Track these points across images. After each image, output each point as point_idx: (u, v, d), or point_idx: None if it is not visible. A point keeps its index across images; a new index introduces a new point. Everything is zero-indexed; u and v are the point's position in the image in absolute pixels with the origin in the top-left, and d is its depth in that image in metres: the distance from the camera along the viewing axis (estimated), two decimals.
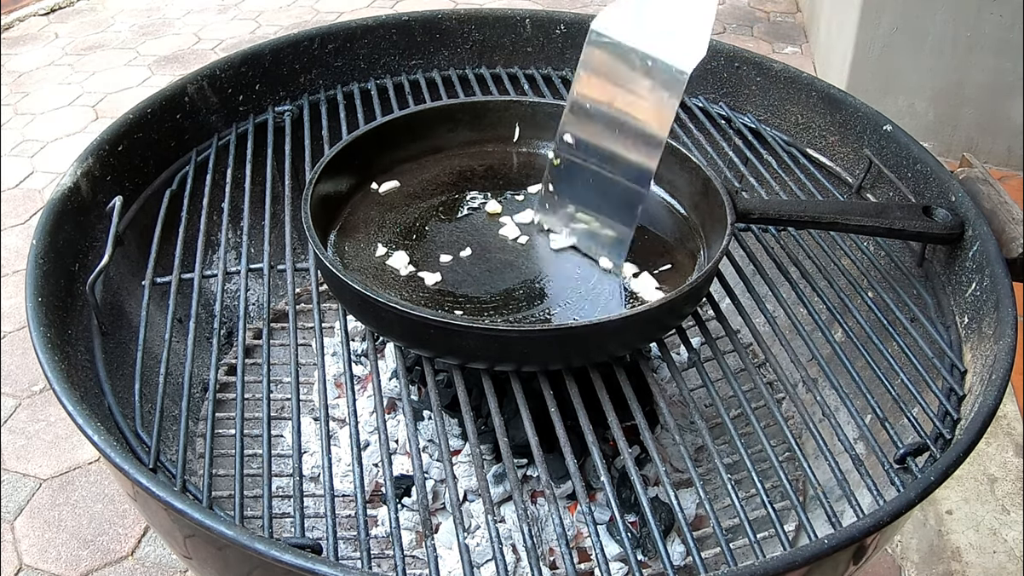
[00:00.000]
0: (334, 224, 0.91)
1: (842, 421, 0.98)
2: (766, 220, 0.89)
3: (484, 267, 0.86)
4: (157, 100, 1.11)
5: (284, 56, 1.23)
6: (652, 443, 0.73)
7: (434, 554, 0.65)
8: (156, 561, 1.30)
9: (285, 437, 1.10)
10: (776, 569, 0.59)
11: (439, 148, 1.01)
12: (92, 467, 1.46)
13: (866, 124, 1.09)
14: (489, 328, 0.72)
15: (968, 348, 0.85)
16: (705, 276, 0.78)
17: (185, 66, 2.83)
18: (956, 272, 0.91)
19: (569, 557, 0.64)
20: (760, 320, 0.94)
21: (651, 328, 0.80)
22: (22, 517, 1.38)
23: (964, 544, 1.27)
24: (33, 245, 0.87)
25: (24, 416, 1.56)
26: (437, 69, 1.30)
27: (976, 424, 0.70)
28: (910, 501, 0.64)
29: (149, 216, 1.03)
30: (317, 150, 1.09)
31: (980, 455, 1.41)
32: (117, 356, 0.91)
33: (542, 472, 0.70)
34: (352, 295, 0.76)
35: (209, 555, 0.71)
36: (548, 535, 0.93)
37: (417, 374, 1.04)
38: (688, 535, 0.67)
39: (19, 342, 1.72)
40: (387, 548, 0.94)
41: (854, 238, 1.00)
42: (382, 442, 0.74)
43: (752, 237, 1.00)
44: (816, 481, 0.72)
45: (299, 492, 0.70)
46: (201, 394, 1.15)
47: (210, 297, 1.15)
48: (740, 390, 0.80)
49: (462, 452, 0.98)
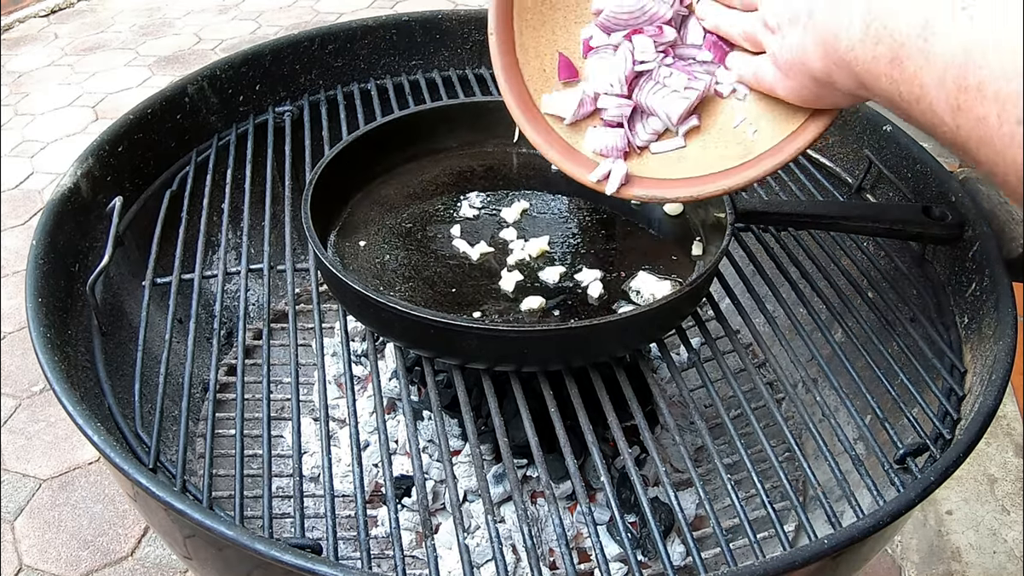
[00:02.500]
0: (334, 224, 0.91)
1: (842, 421, 0.98)
2: (766, 220, 0.89)
3: (484, 267, 0.86)
4: (157, 100, 1.11)
5: (284, 56, 1.23)
6: (652, 443, 0.73)
7: (434, 554, 0.65)
8: (156, 562, 1.30)
9: (285, 437, 1.10)
10: (776, 569, 0.59)
11: (439, 149, 1.01)
12: (92, 467, 1.46)
13: (866, 124, 1.09)
14: (489, 328, 0.72)
15: (968, 348, 0.85)
16: (705, 276, 0.78)
17: (185, 66, 2.84)
18: (956, 272, 0.91)
19: (569, 557, 0.64)
20: (760, 320, 0.94)
21: (651, 328, 0.80)
22: (22, 517, 1.38)
23: (964, 544, 1.28)
24: (33, 245, 0.87)
25: (24, 416, 1.56)
26: (437, 69, 1.31)
27: (976, 424, 0.70)
28: (910, 501, 0.64)
29: (149, 216, 1.03)
30: (317, 150, 1.09)
31: (980, 455, 1.41)
32: (117, 356, 0.91)
33: (542, 472, 0.70)
34: (352, 295, 0.76)
35: (209, 555, 0.71)
36: (548, 535, 0.93)
37: (417, 374, 1.04)
38: (688, 535, 0.67)
39: (19, 342, 1.72)
40: (387, 548, 0.94)
41: (854, 238, 1.00)
42: (382, 442, 0.74)
43: (752, 237, 1.00)
44: (816, 481, 0.72)
45: (299, 492, 0.70)
46: (201, 394, 1.15)
47: (210, 297, 1.15)
48: (740, 390, 0.80)
49: (462, 452, 0.98)
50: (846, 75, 0.54)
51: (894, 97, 0.49)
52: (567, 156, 0.77)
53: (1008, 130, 0.40)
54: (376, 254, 0.87)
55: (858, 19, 0.50)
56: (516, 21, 0.78)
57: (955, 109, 0.43)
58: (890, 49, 0.48)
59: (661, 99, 0.73)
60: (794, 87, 0.62)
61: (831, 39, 0.54)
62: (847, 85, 0.55)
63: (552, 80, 0.78)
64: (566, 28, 0.78)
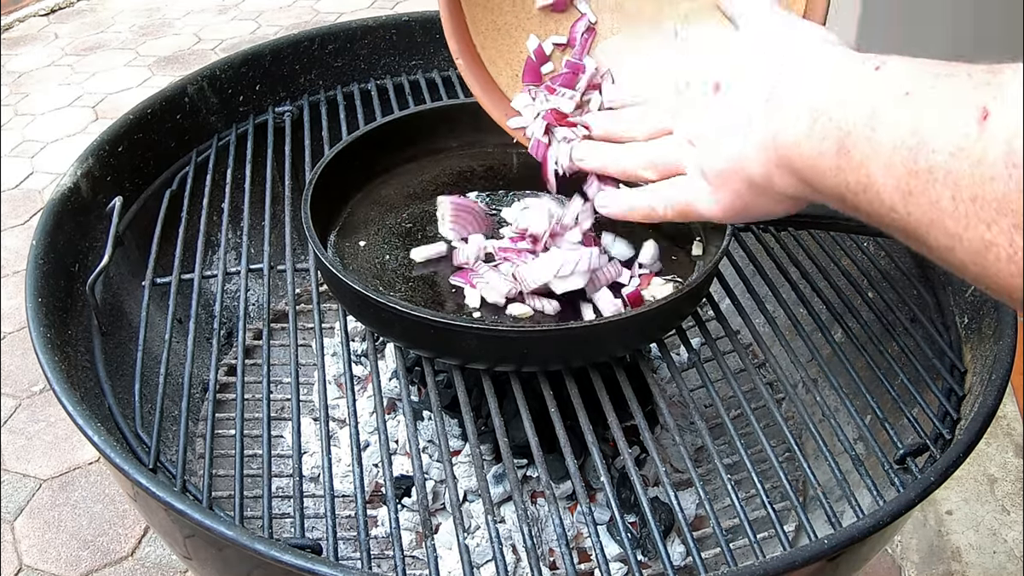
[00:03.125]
0: (334, 224, 0.91)
1: (842, 421, 0.98)
2: (766, 220, 0.89)
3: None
4: (157, 100, 1.11)
5: (284, 56, 1.23)
6: (652, 443, 0.73)
7: (434, 554, 0.65)
8: (156, 562, 1.30)
9: (285, 437, 1.10)
10: (776, 569, 0.59)
11: (439, 149, 1.01)
12: (92, 467, 1.46)
13: None
14: (489, 328, 0.72)
15: (968, 348, 0.85)
16: (705, 276, 0.78)
17: (185, 66, 2.84)
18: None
19: (569, 557, 0.64)
20: (760, 320, 0.94)
21: (651, 328, 0.80)
22: (22, 517, 1.38)
23: (964, 544, 1.28)
24: (33, 245, 0.87)
25: (24, 416, 1.56)
26: (437, 69, 1.31)
27: (976, 424, 0.70)
28: (910, 501, 0.64)
29: (149, 216, 1.03)
30: (317, 151, 1.09)
31: (980, 455, 1.41)
32: (117, 356, 0.91)
33: (542, 472, 0.70)
34: (352, 295, 0.76)
35: (209, 555, 0.71)
36: (548, 535, 0.93)
37: (417, 374, 1.04)
38: (688, 535, 0.67)
39: (19, 342, 1.72)
40: (387, 548, 0.94)
41: (854, 238, 1.00)
42: (382, 442, 0.74)
43: (752, 237, 1.00)
44: (816, 481, 0.72)
45: (299, 492, 0.70)
46: (201, 394, 1.15)
47: (210, 297, 1.15)
48: (740, 390, 0.80)
49: (462, 452, 0.98)
50: (787, 175, 0.54)
51: (841, 188, 0.49)
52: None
53: (963, 210, 0.40)
54: (376, 254, 0.87)
55: (804, 116, 0.50)
56: (475, 37, 0.79)
57: (906, 194, 0.43)
58: (837, 141, 0.48)
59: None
60: (726, 198, 0.61)
61: (773, 141, 0.53)
62: (787, 186, 0.55)
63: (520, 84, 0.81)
64: (521, 28, 0.80)
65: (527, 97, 0.80)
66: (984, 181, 0.38)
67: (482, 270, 0.81)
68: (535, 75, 0.80)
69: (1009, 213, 0.37)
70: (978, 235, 0.39)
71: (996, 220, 0.38)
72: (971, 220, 0.39)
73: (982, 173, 0.38)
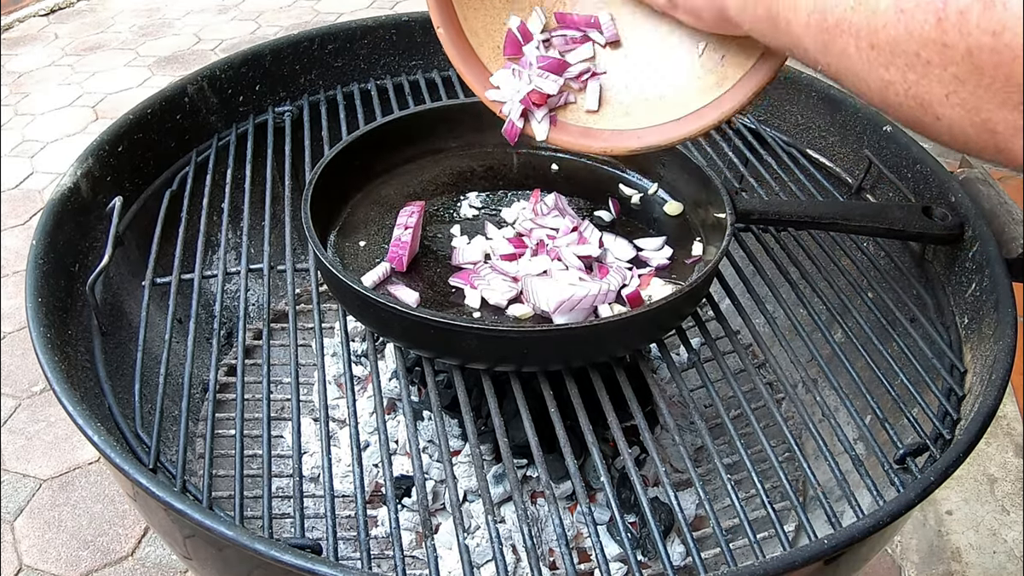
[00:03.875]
0: (334, 224, 0.91)
1: (842, 421, 0.98)
2: (766, 221, 0.89)
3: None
4: (157, 100, 1.11)
5: (284, 56, 1.23)
6: (652, 443, 0.73)
7: (434, 554, 0.65)
8: (156, 562, 1.30)
9: (285, 438, 1.10)
10: (776, 569, 0.59)
11: (439, 149, 1.01)
12: (92, 467, 1.46)
13: (866, 125, 1.09)
14: (489, 328, 0.72)
15: (968, 348, 0.85)
16: (705, 276, 0.78)
17: (185, 66, 2.84)
18: (956, 272, 0.91)
19: (569, 557, 0.64)
20: (760, 321, 0.94)
21: (651, 328, 0.80)
22: (22, 517, 1.38)
23: (964, 544, 1.28)
24: (33, 245, 0.87)
25: (24, 416, 1.56)
26: (437, 69, 1.31)
27: (976, 424, 0.70)
28: (910, 501, 0.64)
29: (149, 216, 1.03)
30: (317, 151, 1.09)
31: (980, 455, 1.41)
32: (117, 356, 0.91)
33: (542, 472, 0.70)
34: (352, 295, 0.76)
35: (209, 555, 0.71)
36: (548, 535, 0.93)
37: (417, 374, 1.04)
38: (688, 535, 0.67)
39: (19, 342, 1.72)
40: (387, 548, 0.94)
41: (854, 238, 1.00)
42: (382, 442, 0.74)
43: (752, 237, 1.00)
44: (816, 481, 0.72)
45: (299, 492, 0.70)
46: (201, 394, 1.15)
47: (210, 297, 1.15)
48: (740, 390, 0.80)
49: (462, 452, 0.98)
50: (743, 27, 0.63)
51: (781, 47, 0.58)
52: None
53: (865, 56, 0.46)
54: (376, 254, 0.87)
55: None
56: (458, 9, 0.81)
57: (823, 49, 0.51)
58: (767, 10, 0.56)
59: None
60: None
61: (720, 11, 0.63)
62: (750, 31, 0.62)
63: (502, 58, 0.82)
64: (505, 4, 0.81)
65: (508, 73, 0.81)
66: (878, 29, 0.45)
67: (483, 271, 0.81)
68: (516, 48, 0.80)
69: (901, 54, 0.44)
70: (878, 76, 0.46)
71: (892, 61, 0.44)
72: (872, 64, 0.46)
73: (876, 22, 0.45)
